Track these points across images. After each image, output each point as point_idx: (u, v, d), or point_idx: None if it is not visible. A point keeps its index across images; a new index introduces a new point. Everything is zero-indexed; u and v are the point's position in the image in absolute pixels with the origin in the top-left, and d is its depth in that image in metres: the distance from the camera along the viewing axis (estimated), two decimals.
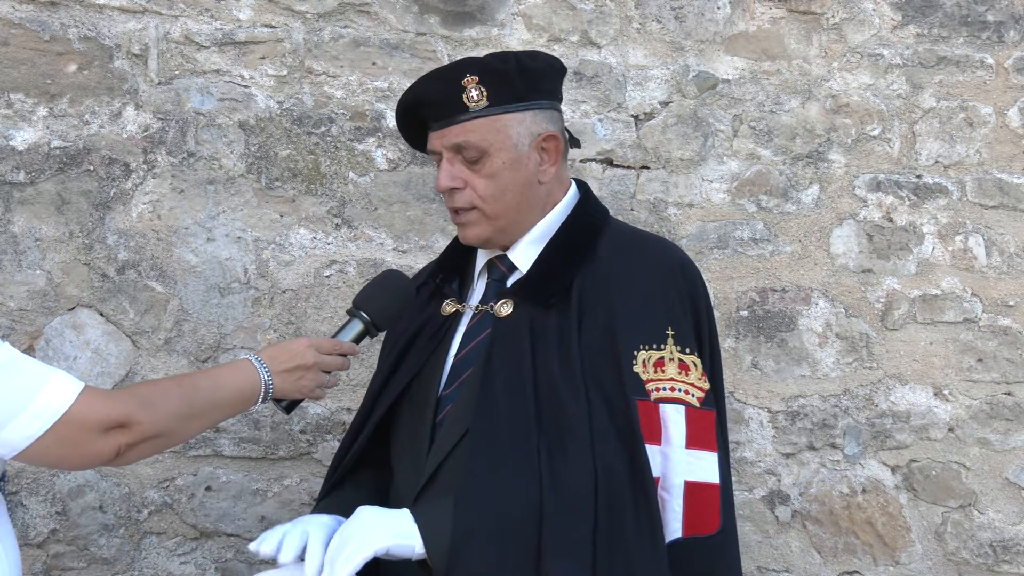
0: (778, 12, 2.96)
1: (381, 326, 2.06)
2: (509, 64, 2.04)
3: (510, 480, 1.82)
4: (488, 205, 2.01)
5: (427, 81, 2.07)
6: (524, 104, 2.02)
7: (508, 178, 2.00)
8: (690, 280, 2.02)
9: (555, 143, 2.05)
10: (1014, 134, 3.02)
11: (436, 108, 2.01)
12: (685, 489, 1.86)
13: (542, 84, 2.07)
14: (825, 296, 2.95)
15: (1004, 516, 2.98)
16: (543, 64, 2.09)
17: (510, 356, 1.94)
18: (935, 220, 2.99)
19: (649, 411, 1.86)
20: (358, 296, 2.07)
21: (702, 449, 1.89)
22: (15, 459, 1.71)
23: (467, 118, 1.99)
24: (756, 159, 2.95)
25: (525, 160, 2.01)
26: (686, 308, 1.98)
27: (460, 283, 2.15)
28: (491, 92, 1.99)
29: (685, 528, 1.85)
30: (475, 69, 2.01)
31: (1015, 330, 2.99)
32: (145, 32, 2.70)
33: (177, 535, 2.72)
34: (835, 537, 2.94)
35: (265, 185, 2.75)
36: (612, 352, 1.90)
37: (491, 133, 1.99)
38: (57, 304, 2.65)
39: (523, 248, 2.06)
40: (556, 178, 2.07)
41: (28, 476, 2.64)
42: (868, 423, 2.94)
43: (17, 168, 2.64)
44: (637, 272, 1.98)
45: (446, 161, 2.02)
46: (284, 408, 2.01)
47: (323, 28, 2.78)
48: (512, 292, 2.02)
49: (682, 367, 1.92)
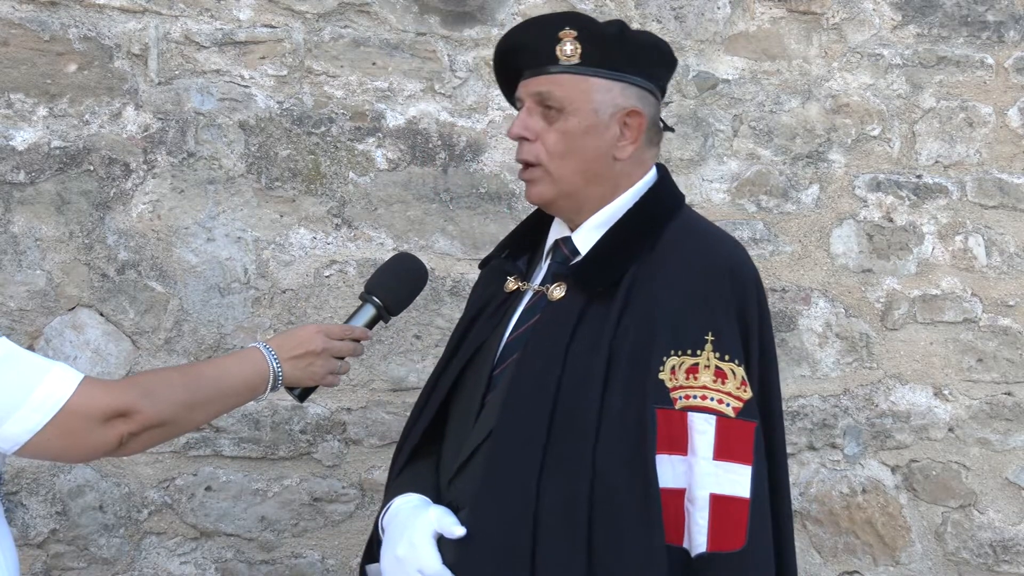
0: (778, 12, 2.96)
1: (393, 311, 2.04)
2: (612, 28, 1.97)
3: (514, 493, 1.80)
4: (553, 163, 1.93)
5: (525, 27, 2.02)
6: (616, 74, 1.94)
7: (579, 142, 1.92)
8: (740, 285, 1.91)
9: (638, 120, 1.95)
10: (1014, 134, 3.02)
11: (529, 56, 1.95)
12: (711, 502, 1.78)
13: (640, 60, 1.98)
14: (825, 296, 2.95)
15: (1004, 516, 2.98)
16: (649, 41, 2.03)
17: (549, 345, 1.88)
18: (935, 220, 2.99)
19: (671, 420, 1.79)
20: (370, 281, 2.05)
21: (733, 461, 1.80)
22: (18, 454, 1.71)
23: (556, 71, 1.92)
24: (756, 159, 2.95)
25: (602, 129, 1.93)
26: (731, 314, 1.87)
27: (528, 261, 2.08)
28: (585, 50, 1.92)
29: (710, 543, 1.77)
30: (576, 24, 1.94)
31: (1015, 330, 2.99)
32: (145, 32, 2.70)
33: (177, 535, 2.71)
34: (835, 537, 2.94)
35: (265, 185, 2.75)
36: (642, 354, 1.82)
37: (574, 91, 1.92)
38: (57, 304, 2.65)
39: (587, 231, 1.98)
40: (635, 159, 1.97)
41: (28, 476, 2.64)
42: (868, 423, 2.94)
43: (17, 168, 2.64)
44: (683, 272, 1.89)
45: (525, 110, 1.95)
46: (297, 396, 1.99)
47: (323, 28, 2.78)
48: (565, 275, 1.95)
49: (719, 375, 1.82)
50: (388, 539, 1.90)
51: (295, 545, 2.76)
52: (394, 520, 1.91)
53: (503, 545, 1.79)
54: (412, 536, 1.84)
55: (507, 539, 1.79)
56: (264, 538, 2.74)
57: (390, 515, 1.94)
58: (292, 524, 2.75)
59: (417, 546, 1.82)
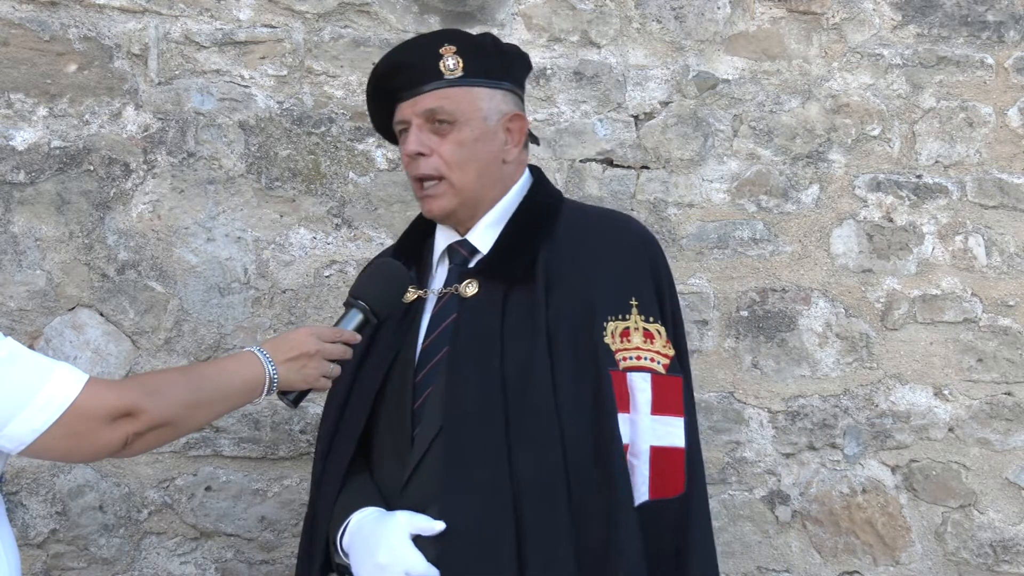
0: (778, 12, 2.96)
1: (380, 314, 2.06)
2: (487, 40, 2.11)
3: (484, 478, 1.85)
4: (454, 173, 2.03)
5: (404, 48, 2.11)
6: (496, 82, 2.07)
7: (475, 149, 2.03)
8: (651, 251, 2.07)
9: (520, 124, 2.09)
10: (1014, 134, 3.02)
11: (411, 75, 2.04)
12: (651, 454, 1.91)
13: (514, 69, 2.13)
14: (825, 296, 2.95)
15: (1004, 516, 2.98)
16: (517, 52, 2.17)
17: (478, 337, 1.96)
18: (935, 220, 2.99)
19: (619, 381, 1.91)
20: (354, 286, 2.09)
21: (668, 415, 1.94)
22: (23, 454, 1.71)
23: (441, 86, 2.02)
24: (756, 159, 2.95)
25: (492, 135, 2.05)
26: (647, 277, 2.02)
27: (417, 271, 2.16)
28: (467, 63, 2.03)
29: (652, 491, 1.90)
30: (453, 39, 2.06)
31: (1015, 330, 2.99)
32: (145, 32, 2.70)
33: (177, 535, 2.72)
34: (835, 537, 2.94)
35: (265, 185, 2.75)
36: (584, 324, 1.93)
37: (463, 103, 2.03)
38: (57, 304, 2.65)
39: (482, 230, 2.09)
40: (517, 160, 2.12)
41: (28, 476, 2.64)
42: (868, 423, 2.94)
43: (17, 168, 2.64)
44: (602, 245, 2.03)
45: (415, 128, 2.04)
46: (291, 401, 2.00)
47: (323, 28, 2.78)
48: (476, 271, 2.04)
49: (647, 335, 1.96)
50: (361, 551, 1.90)
51: (295, 545, 2.76)
52: (359, 534, 1.92)
53: (483, 529, 1.82)
54: (390, 541, 1.85)
55: (487, 522, 1.83)
56: (264, 538, 2.74)
57: (352, 530, 1.93)
58: (292, 524, 2.75)
59: (398, 549, 1.84)
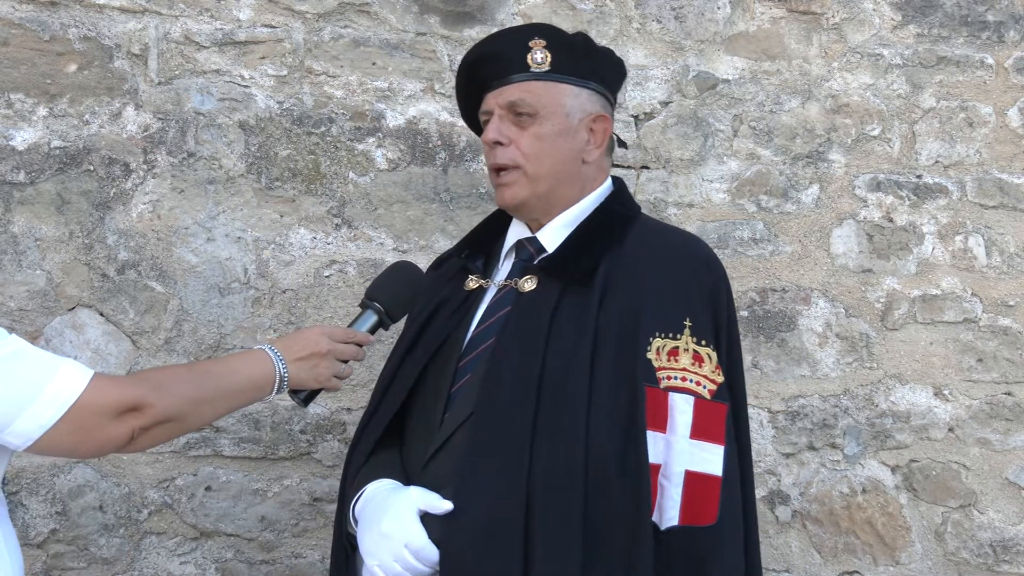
0: (778, 12, 2.96)
1: (395, 316, 2.07)
2: (578, 39, 2.10)
3: (502, 466, 1.84)
4: (530, 164, 2.02)
5: (494, 39, 2.11)
6: (583, 81, 2.06)
7: (554, 143, 2.03)
8: (714, 275, 2.04)
9: (604, 125, 2.08)
10: (1014, 134, 3.02)
11: (498, 65, 2.04)
12: (685, 478, 1.88)
13: (603, 69, 2.11)
14: (825, 296, 2.95)
15: (1004, 516, 2.98)
16: (610, 55, 2.15)
17: (526, 331, 1.95)
18: (935, 220, 2.99)
19: (657, 398, 1.88)
20: (370, 287, 2.09)
21: (708, 441, 1.90)
22: (29, 450, 1.71)
23: (526, 78, 2.02)
24: (756, 159, 2.95)
25: (573, 133, 2.04)
26: (706, 301, 1.99)
27: (485, 262, 2.16)
28: (555, 58, 2.02)
29: (682, 517, 1.87)
30: (544, 33, 2.06)
31: (1015, 330, 2.99)
32: (145, 32, 2.70)
33: (177, 535, 2.72)
34: (835, 537, 2.94)
35: (265, 185, 2.75)
36: (629, 335, 1.91)
37: (546, 97, 2.02)
38: (57, 304, 2.65)
39: (553, 230, 2.08)
40: (598, 164, 2.10)
41: (28, 476, 2.64)
42: (868, 423, 2.94)
43: (17, 168, 2.64)
44: (662, 262, 2.00)
45: (496, 118, 2.04)
46: (302, 400, 2.00)
47: (323, 28, 2.78)
48: (538, 268, 2.04)
49: (696, 358, 1.93)
50: (369, 519, 1.90)
51: (295, 545, 2.76)
52: (371, 503, 1.92)
53: (492, 517, 1.82)
54: (397, 512, 1.86)
55: (496, 511, 1.82)
56: (264, 538, 2.74)
57: (365, 499, 1.94)
58: (292, 524, 2.75)
59: (403, 521, 1.84)
